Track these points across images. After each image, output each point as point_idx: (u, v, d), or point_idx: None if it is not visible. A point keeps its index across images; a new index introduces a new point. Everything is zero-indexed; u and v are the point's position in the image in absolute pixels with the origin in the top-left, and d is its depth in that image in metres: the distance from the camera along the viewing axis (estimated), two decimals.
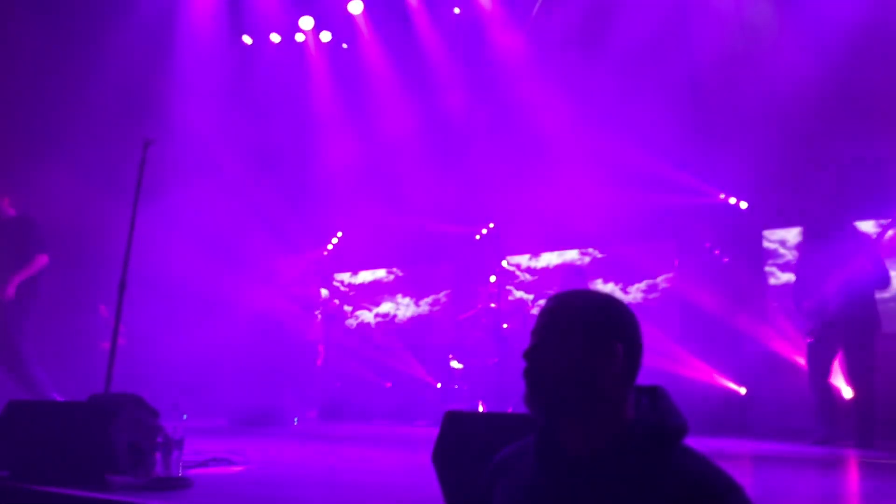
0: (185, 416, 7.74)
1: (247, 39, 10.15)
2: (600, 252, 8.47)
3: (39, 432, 3.30)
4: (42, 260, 5.48)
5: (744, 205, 7.64)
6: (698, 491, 1.21)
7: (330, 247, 10.63)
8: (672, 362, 7.02)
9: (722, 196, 7.72)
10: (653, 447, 1.27)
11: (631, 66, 7.71)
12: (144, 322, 7.94)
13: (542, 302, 8.00)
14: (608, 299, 1.42)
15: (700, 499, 1.20)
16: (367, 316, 10.21)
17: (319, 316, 8.41)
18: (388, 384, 8.40)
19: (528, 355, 1.40)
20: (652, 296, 8.02)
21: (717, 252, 7.60)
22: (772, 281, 7.47)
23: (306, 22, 9.87)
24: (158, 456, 3.14)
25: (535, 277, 8.81)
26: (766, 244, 7.56)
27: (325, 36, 10.10)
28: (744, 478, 3.61)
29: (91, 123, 8.32)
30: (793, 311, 6.19)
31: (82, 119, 8.28)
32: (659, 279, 8.05)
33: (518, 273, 8.95)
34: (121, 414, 3.20)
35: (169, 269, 8.62)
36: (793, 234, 7.35)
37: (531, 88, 8.27)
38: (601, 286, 8.30)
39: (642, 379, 1.41)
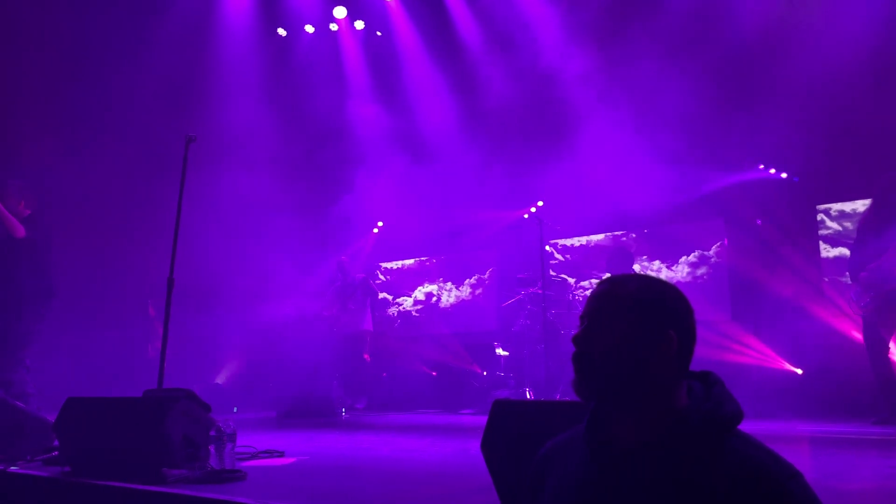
0: (235, 409, 7.90)
1: (281, 32, 10.24)
2: (646, 231, 8.32)
3: (97, 428, 3.39)
4: (19, 228, 5.25)
5: (788, 176, 7.43)
6: (756, 479, 1.17)
7: (371, 236, 10.69)
8: (724, 344, 6.87)
9: (772, 171, 7.50)
10: (708, 435, 1.24)
11: (673, 38, 7.52)
12: (191, 318, 8.08)
13: (586, 283, 7.92)
14: (662, 284, 1.38)
15: (758, 487, 1.16)
16: (409, 304, 10.24)
17: (370, 306, 8.47)
18: (434, 373, 8.41)
19: (578, 340, 1.36)
20: (700, 273, 7.85)
21: (758, 222, 7.38)
22: (822, 254, 7.26)
23: (340, 11, 9.92)
24: (212, 449, 3.20)
25: (579, 259, 8.71)
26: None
27: (359, 24, 10.13)
28: (803, 461, 3.51)
29: (133, 118, 8.49)
30: (847, 285, 6.01)
31: (124, 113, 8.45)
32: (708, 256, 7.88)
33: (558, 255, 8.85)
34: (174, 409, 3.27)
35: (214, 263, 8.78)
36: (836, 207, 7.13)
37: (571, 67, 8.13)
38: (647, 265, 8.16)
39: (693, 362, 1.37)
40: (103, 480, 3.02)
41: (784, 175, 7.49)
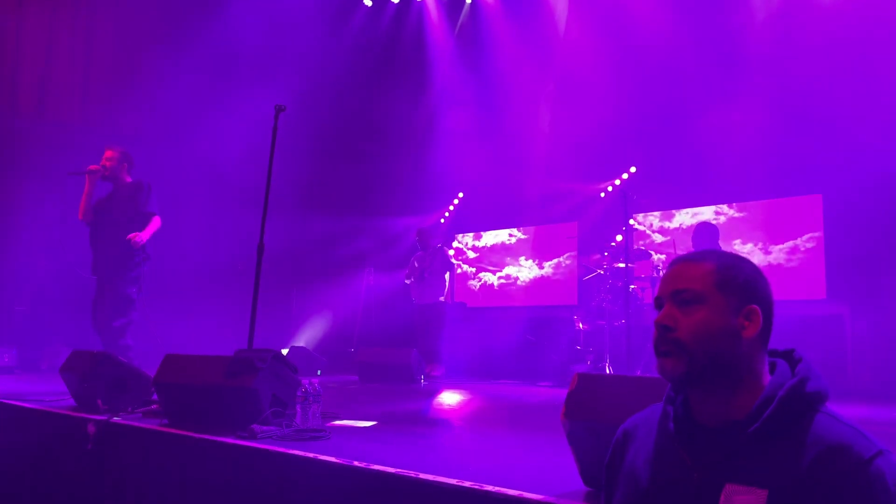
0: (318, 372, 8.16)
1: (367, 2, 10.30)
2: (737, 208, 7.99)
3: (193, 384, 3.59)
4: (157, 221, 5.58)
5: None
6: (841, 455, 1.15)
7: (452, 207, 10.73)
8: (816, 325, 6.55)
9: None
10: (792, 412, 1.22)
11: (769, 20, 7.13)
12: (277, 282, 8.34)
13: (658, 258, 7.71)
14: (738, 259, 1.36)
15: (843, 464, 1.14)
16: (489, 275, 10.27)
17: (447, 277, 8.53)
18: (512, 345, 8.41)
19: (661, 322, 1.33)
20: (794, 251, 7.49)
21: (857, 197, 6.96)
22: None
23: None
24: (298, 408, 3.34)
25: (667, 238, 8.48)
26: None
27: None
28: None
29: (220, 91, 8.72)
30: None
31: (211, 88, 8.70)
32: (803, 233, 7.50)
33: (649, 232, 8.64)
34: (265, 368, 3.42)
35: (298, 230, 9.02)
36: None
37: (660, 29, 7.82)
38: (739, 247, 7.86)
39: (783, 341, 1.34)
40: (198, 433, 3.21)
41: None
